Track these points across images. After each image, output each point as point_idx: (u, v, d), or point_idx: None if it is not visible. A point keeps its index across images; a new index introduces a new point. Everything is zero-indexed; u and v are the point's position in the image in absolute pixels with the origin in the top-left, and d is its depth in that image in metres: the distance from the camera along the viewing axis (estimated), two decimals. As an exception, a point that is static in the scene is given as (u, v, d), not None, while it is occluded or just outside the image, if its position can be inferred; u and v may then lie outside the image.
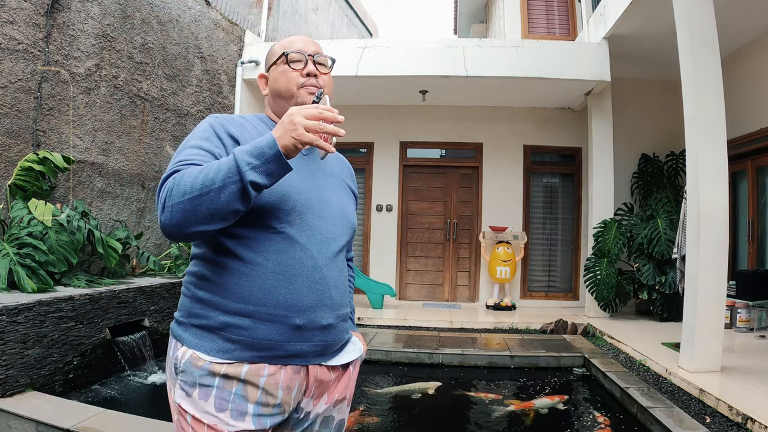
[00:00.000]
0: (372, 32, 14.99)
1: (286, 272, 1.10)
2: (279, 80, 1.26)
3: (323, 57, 1.29)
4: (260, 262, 1.09)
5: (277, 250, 1.10)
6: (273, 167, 0.98)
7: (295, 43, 1.28)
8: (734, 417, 2.89)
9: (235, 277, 1.10)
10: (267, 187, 1.01)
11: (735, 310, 5.04)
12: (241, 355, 1.08)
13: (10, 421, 2.63)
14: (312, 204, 1.17)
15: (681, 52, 3.87)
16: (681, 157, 6.49)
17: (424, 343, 4.81)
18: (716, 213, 3.65)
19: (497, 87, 6.39)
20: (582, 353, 4.53)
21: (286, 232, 1.11)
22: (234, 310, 1.09)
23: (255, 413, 1.08)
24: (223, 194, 0.96)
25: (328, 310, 1.16)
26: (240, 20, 7.11)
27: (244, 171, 0.96)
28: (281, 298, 1.09)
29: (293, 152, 0.99)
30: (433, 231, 7.44)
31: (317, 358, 1.16)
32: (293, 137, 0.98)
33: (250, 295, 1.09)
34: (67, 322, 3.27)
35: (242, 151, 0.98)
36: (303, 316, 1.11)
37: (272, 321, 1.09)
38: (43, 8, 4.04)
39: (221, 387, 1.07)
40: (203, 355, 1.08)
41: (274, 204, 1.10)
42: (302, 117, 0.99)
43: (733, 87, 4.90)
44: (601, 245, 5.89)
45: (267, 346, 1.09)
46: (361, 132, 7.54)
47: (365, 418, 3.30)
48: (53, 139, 4.21)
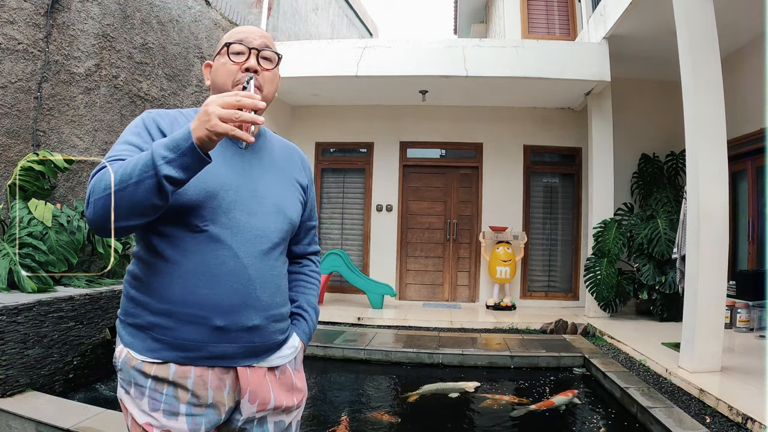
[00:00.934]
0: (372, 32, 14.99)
1: (208, 272, 1.08)
2: (218, 72, 1.21)
3: (269, 52, 1.22)
4: (183, 262, 1.08)
5: (200, 249, 1.08)
6: (188, 161, 0.95)
7: (241, 33, 1.21)
8: (734, 417, 2.89)
9: (160, 276, 1.09)
10: (184, 182, 0.98)
11: (735, 310, 5.04)
12: (167, 355, 1.08)
13: (10, 421, 2.63)
14: (242, 200, 1.13)
15: (681, 52, 3.87)
16: (681, 157, 6.49)
17: (424, 343, 4.81)
18: (716, 213, 3.65)
19: (497, 87, 6.39)
20: (582, 353, 4.53)
21: (209, 230, 1.09)
22: (159, 310, 1.09)
23: (187, 413, 1.08)
24: (140, 189, 0.94)
25: (253, 311, 1.12)
26: (240, 20, 7.11)
27: (159, 165, 0.93)
28: (202, 298, 1.08)
29: (209, 144, 0.95)
30: (433, 231, 7.44)
31: (246, 360, 1.14)
32: (207, 128, 0.93)
33: (172, 295, 1.08)
34: (67, 322, 3.27)
35: (159, 144, 0.96)
36: (225, 318, 1.09)
37: (193, 322, 1.08)
38: (43, 8, 4.04)
39: (153, 388, 1.08)
40: (135, 354, 1.10)
41: (199, 202, 1.08)
42: (217, 106, 0.93)
43: (733, 87, 4.90)
44: (601, 245, 5.89)
45: (190, 347, 1.08)
46: (361, 132, 7.54)
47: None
48: (53, 139, 4.21)
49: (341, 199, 7.65)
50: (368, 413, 3.40)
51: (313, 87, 6.68)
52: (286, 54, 6.24)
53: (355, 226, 7.58)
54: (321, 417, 3.35)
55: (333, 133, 7.64)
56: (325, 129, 7.63)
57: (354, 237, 7.56)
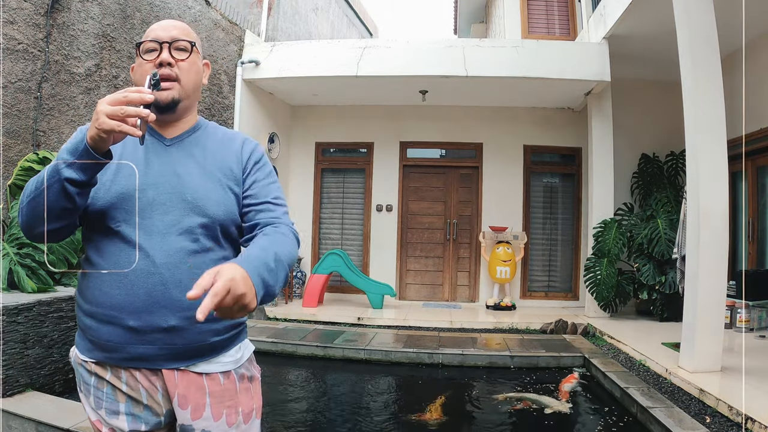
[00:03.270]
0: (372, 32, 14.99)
1: (121, 273, 1.10)
2: (136, 74, 1.21)
3: (183, 42, 1.20)
4: (101, 264, 1.11)
5: (114, 251, 1.11)
6: (84, 162, 0.98)
7: (154, 30, 1.20)
8: (734, 417, 2.89)
9: (86, 279, 1.14)
10: (87, 182, 1.01)
11: (735, 310, 5.04)
12: (98, 355, 1.13)
13: (10, 421, 2.63)
14: (160, 199, 1.12)
15: (681, 52, 3.87)
16: (681, 157, 6.48)
17: (424, 343, 4.81)
18: (716, 213, 3.64)
19: (497, 87, 6.39)
20: (582, 353, 4.53)
21: (121, 232, 1.10)
22: (85, 311, 1.14)
23: (127, 412, 1.13)
24: (50, 193, 0.99)
25: (168, 312, 1.10)
26: (240, 20, 7.11)
27: (61, 168, 0.98)
28: (114, 299, 1.10)
29: (101, 142, 0.97)
30: (433, 231, 7.44)
31: (170, 362, 1.12)
32: (95, 127, 0.95)
33: (93, 296, 1.12)
34: (67, 322, 3.27)
35: (63, 148, 1.01)
36: (137, 318, 1.09)
37: (109, 323, 1.11)
38: (43, 8, 4.04)
39: (96, 386, 1.14)
40: (79, 353, 1.17)
41: (112, 204, 1.10)
42: (105, 104, 0.95)
43: (733, 87, 4.90)
44: (601, 245, 5.89)
45: (110, 348, 1.11)
46: (361, 132, 7.54)
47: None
48: (53, 139, 4.21)
49: (341, 199, 7.65)
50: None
51: (313, 87, 6.68)
52: (286, 54, 6.29)
53: (355, 226, 7.58)
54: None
55: (333, 133, 7.64)
56: (325, 129, 7.63)
57: (354, 237, 7.56)
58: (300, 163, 7.62)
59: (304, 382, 4.19)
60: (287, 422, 3.21)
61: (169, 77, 1.16)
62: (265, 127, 6.74)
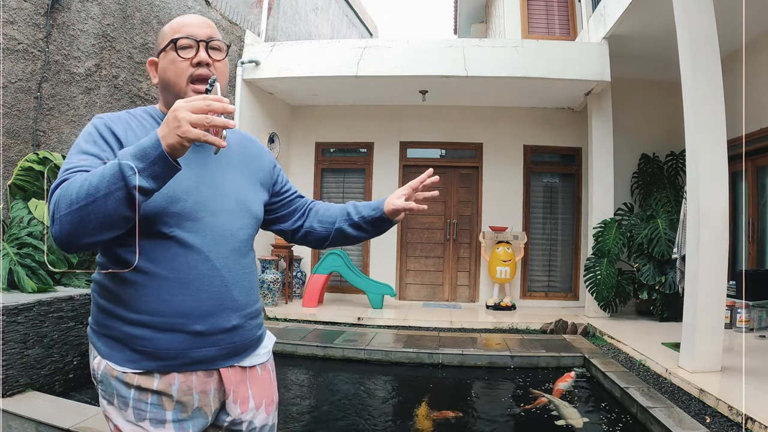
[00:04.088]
0: (372, 32, 14.99)
1: (181, 279, 1.06)
2: (168, 70, 1.14)
3: (217, 42, 1.17)
4: (152, 270, 1.05)
5: (170, 256, 1.06)
6: (158, 169, 0.91)
7: (186, 26, 1.15)
8: (734, 417, 2.89)
9: (131, 287, 1.06)
10: (156, 191, 0.94)
11: (735, 310, 5.04)
12: (149, 365, 1.06)
13: (10, 421, 2.63)
14: (205, 201, 1.10)
15: (681, 52, 3.87)
16: (681, 157, 6.48)
17: (424, 343, 4.81)
18: (716, 213, 3.64)
19: (497, 87, 6.39)
20: (582, 353, 4.53)
21: (176, 236, 1.06)
22: (134, 321, 1.06)
23: (174, 419, 1.07)
24: (109, 202, 0.90)
25: (230, 312, 1.12)
26: (240, 20, 7.11)
27: (128, 176, 0.89)
28: (178, 306, 1.06)
29: (180, 151, 0.91)
30: (433, 231, 7.44)
31: (228, 361, 1.14)
32: (178, 135, 0.89)
33: (146, 305, 1.05)
34: (67, 322, 3.27)
35: (126, 154, 0.92)
36: (204, 322, 1.08)
37: (172, 330, 1.06)
38: (43, 8, 4.04)
39: (137, 398, 1.06)
40: (115, 366, 1.07)
41: (162, 208, 1.04)
42: (188, 112, 0.89)
43: (733, 87, 4.90)
44: (601, 245, 5.89)
45: (171, 356, 1.07)
46: (361, 132, 7.54)
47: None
48: (53, 139, 4.21)
49: (341, 199, 7.65)
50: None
51: (313, 87, 6.68)
52: (286, 54, 6.29)
53: (355, 226, 7.57)
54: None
55: (333, 133, 7.64)
56: (325, 129, 7.63)
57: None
58: (300, 163, 7.62)
59: (304, 382, 4.19)
60: (287, 422, 3.21)
61: (206, 78, 1.13)
62: (265, 127, 6.74)
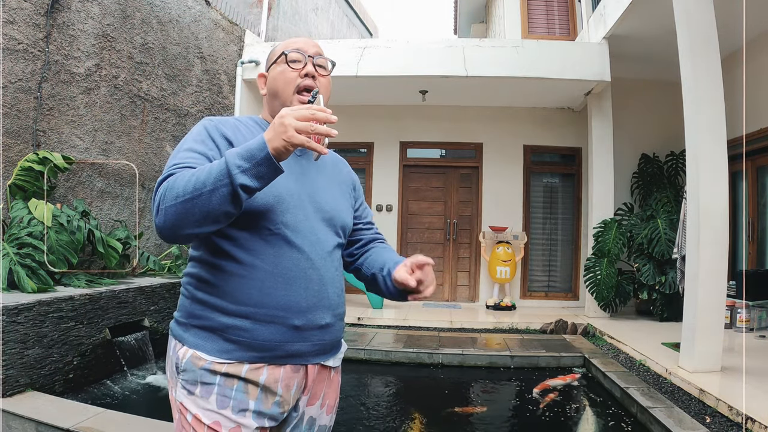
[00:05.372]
0: (372, 32, 14.99)
1: (284, 274, 1.11)
2: (277, 80, 1.25)
3: (323, 59, 1.28)
4: (257, 264, 1.11)
5: (274, 251, 1.12)
6: (263, 170, 0.97)
7: (296, 43, 1.28)
8: (734, 417, 2.89)
9: (233, 279, 1.11)
10: (258, 190, 1.00)
11: (735, 310, 5.04)
12: (242, 356, 1.10)
13: (10, 421, 2.63)
14: (305, 205, 1.17)
15: (681, 52, 3.87)
16: (681, 157, 6.49)
17: (424, 343, 4.81)
18: (716, 213, 3.64)
19: (497, 87, 6.39)
20: (582, 353, 4.53)
21: (281, 233, 1.12)
22: (234, 312, 1.10)
23: (255, 410, 1.10)
24: (214, 197, 0.96)
25: (326, 309, 1.18)
26: (240, 20, 7.11)
27: (234, 174, 0.96)
28: (280, 299, 1.11)
29: (284, 154, 0.98)
30: (433, 231, 7.44)
31: (316, 357, 1.19)
32: (284, 139, 0.96)
33: (249, 297, 1.10)
34: (67, 322, 3.27)
35: (233, 153, 0.98)
36: (302, 317, 1.13)
37: (272, 322, 1.11)
38: (43, 8, 4.04)
39: (222, 384, 1.09)
40: (204, 355, 1.10)
41: (269, 206, 1.11)
42: (293, 119, 0.97)
43: (733, 87, 4.90)
44: (601, 245, 5.89)
45: (267, 347, 1.11)
46: (361, 132, 7.54)
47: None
48: (53, 139, 4.21)
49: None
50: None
51: (313, 87, 6.67)
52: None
53: (355, 226, 7.57)
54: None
55: (333, 133, 7.62)
56: (325, 129, 7.60)
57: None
58: (300, 163, 7.61)
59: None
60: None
61: (311, 89, 1.23)
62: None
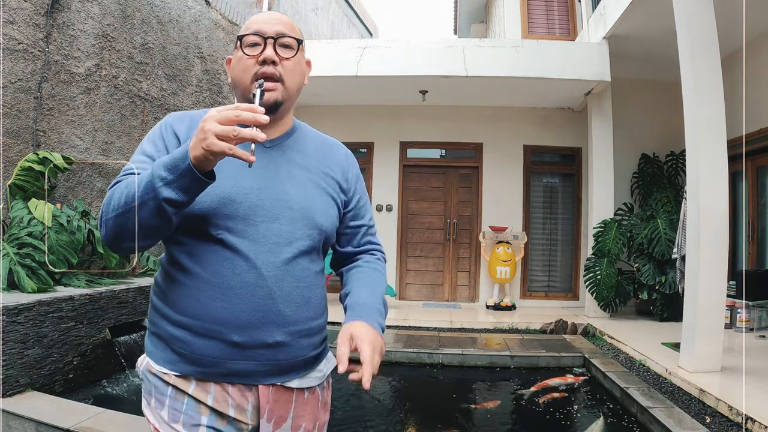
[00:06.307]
0: (372, 32, 14.99)
1: (223, 284, 1.00)
2: (235, 69, 1.10)
3: (288, 38, 1.09)
4: (198, 273, 1.01)
5: (215, 259, 1.01)
6: (186, 182, 0.87)
7: (256, 23, 1.09)
8: (734, 417, 2.89)
9: (177, 287, 1.03)
10: (187, 203, 0.91)
11: (735, 310, 5.04)
12: (186, 369, 1.02)
13: (10, 421, 2.63)
14: (264, 205, 1.04)
15: (681, 52, 3.87)
16: (681, 157, 6.48)
17: (424, 343, 4.81)
18: (716, 213, 3.64)
19: (497, 87, 6.39)
20: (582, 353, 4.53)
21: (224, 239, 1.00)
22: (176, 322, 1.03)
23: (209, 425, 1.03)
24: (142, 211, 0.89)
25: (274, 327, 1.03)
26: (240, 20, 7.11)
27: (158, 187, 0.87)
28: (217, 312, 1.00)
29: (207, 163, 0.86)
30: (433, 231, 7.44)
31: (268, 378, 1.06)
32: (203, 148, 0.84)
33: (188, 307, 1.02)
34: (67, 322, 3.27)
35: (159, 164, 0.88)
36: (242, 333, 1.01)
37: (209, 336, 1.01)
38: (43, 8, 4.04)
39: (173, 397, 1.03)
40: (154, 364, 1.05)
41: (213, 209, 1.00)
42: (214, 122, 0.83)
43: (733, 87, 4.90)
44: (601, 245, 5.89)
45: (207, 363, 1.02)
46: (361, 132, 7.54)
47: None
48: (53, 139, 4.21)
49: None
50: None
51: (313, 87, 6.67)
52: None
53: (355, 226, 7.57)
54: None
55: (333, 133, 7.41)
56: (325, 129, 7.37)
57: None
58: (300, 163, 7.61)
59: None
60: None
61: (272, 76, 1.06)
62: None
